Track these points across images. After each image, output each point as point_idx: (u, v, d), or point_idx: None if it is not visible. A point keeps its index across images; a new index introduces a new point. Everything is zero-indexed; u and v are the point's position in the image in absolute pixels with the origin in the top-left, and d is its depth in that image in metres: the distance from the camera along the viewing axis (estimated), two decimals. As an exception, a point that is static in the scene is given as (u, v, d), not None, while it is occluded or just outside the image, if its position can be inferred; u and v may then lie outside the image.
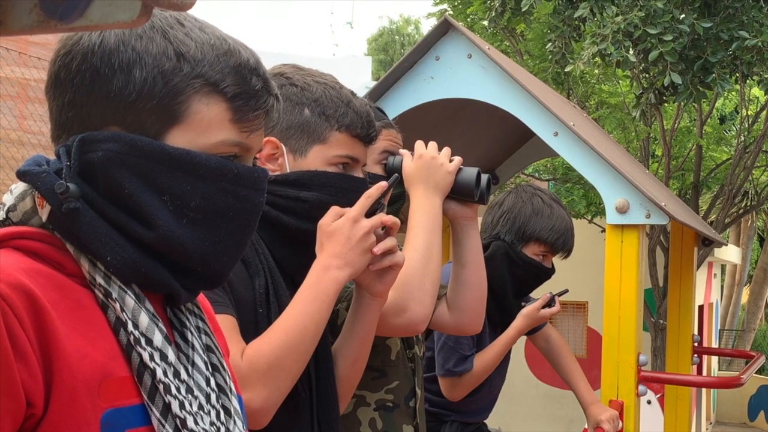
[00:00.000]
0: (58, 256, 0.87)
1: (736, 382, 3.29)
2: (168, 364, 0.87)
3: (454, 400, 2.65)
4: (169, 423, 0.85)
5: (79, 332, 0.82)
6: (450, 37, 2.87)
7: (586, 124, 3.62)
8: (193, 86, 0.91)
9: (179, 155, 0.90)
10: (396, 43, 28.91)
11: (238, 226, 0.94)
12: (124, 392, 0.84)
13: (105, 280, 0.87)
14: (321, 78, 1.57)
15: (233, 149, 0.94)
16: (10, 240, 0.86)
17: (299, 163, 1.53)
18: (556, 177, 7.79)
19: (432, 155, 1.82)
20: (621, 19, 4.69)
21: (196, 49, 0.92)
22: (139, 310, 0.87)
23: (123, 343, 0.86)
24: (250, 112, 0.94)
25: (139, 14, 0.58)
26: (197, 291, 0.98)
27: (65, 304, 0.83)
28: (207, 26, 0.96)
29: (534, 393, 6.70)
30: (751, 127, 7.44)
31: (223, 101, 0.93)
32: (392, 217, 1.42)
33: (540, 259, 2.65)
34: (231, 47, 0.94)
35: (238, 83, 0.93)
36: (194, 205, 0.90)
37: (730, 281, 13.31)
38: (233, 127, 0.94)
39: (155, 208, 0.89)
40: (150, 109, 0.90)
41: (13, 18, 0.57)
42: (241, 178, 0.94)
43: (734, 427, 10.44)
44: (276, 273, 1.44)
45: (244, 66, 0.94)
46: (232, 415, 0.95)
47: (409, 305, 1.68)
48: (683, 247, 4.27)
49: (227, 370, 0.98)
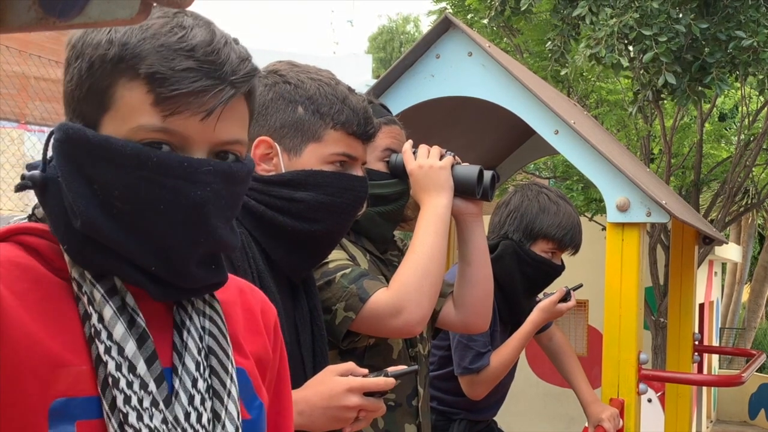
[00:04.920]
0: (51, 251, 0.90)
1: (736, 381, 3.28)
2: (124, 358, 0.86)
3: (475, 398, 2.66)
4: (114, 417, 0.85)
5: (39, 322, 0.84)
6: (450, 35, 2.86)
7: (586, 122, 3.62)
8: (119, 71, 0.88)
9: (98, 142, 0.87)
10: (395, 41, 28.88)
11: (178, 222, 0.88)
12: (80, 383, 0.85)
13: (78, 273, 0.89)
14: (316, 75, 1.54)
15: (155, 135, 0.88)
16: (14, 235, 0.90)
17: (294, 163, 1.51)
18: (556, 175, 7.79)
19: (431, 164, 1.83)
20: (615, 22, 4.68)
21: (125, 34, 0.89)
22: (105, 303, 0.87)
23: (87, 336, 0.87)
24: (168, 92, 0.87)
25: (138, 11, 0.58)
26: (170, 292, 0.92)
27: (34, 295, 0.85)
28: (157, 12, 0.91)
29: (534, 391, 6.70)
30: (752, 124, 7.44)
31: (144, 84, 0.88)
32: (383, 406, 1.37)
33: (549, 257, 2.66)
34: (167, 29, 0.89)
35: (157, 63, 0.87)
36: (117, 195, 0.87)
37: (730, 279, 13.29)
38: (154, 111, 0.88)
39: (80, 196, 0.87)
40: (83, 97, 0.90)
41: (12, 15, 0.57)
42: (165, 168, 0.87)
43: (735, 426, 10.43)
44: (266, 277, 1.41)
45: (172, 46, 0.88)
46: (221, 420, 0.92)
47: (406, 307, 1.68)
48: (684, 246, 4.26)
49: (231, 376, 0.96)
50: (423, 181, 1.83)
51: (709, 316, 8.76)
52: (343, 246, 1.80)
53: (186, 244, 0.89)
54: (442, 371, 2.70)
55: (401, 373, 1.35)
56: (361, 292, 1.68)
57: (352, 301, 1.68)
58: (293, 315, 1.47)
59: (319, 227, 1.44)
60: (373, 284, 1.70)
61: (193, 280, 0.92)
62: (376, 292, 1.69)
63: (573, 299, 2.69)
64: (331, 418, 1.33)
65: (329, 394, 1.32)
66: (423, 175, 1.83)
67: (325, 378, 1.35)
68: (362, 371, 1.35)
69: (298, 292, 1.49)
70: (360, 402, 1.32)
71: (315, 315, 1.51)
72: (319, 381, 1.35)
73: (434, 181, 1.82)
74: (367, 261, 1.86)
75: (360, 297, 1.68)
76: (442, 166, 1.84)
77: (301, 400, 1.31)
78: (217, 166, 0.90)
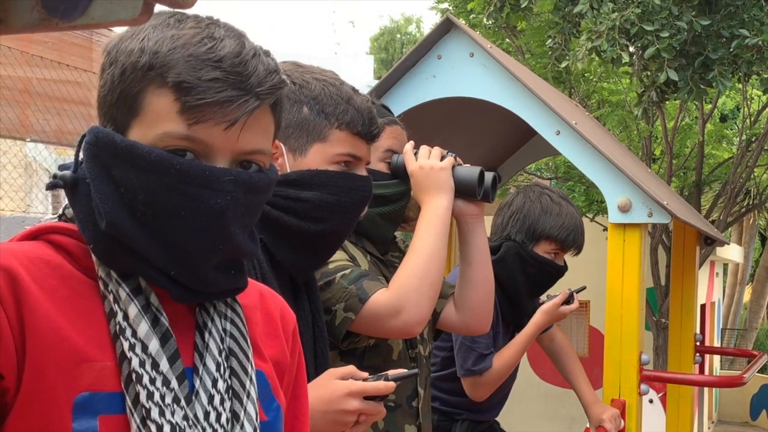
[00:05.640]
0: (79, 250, 0.93)
1: (738, 381, 3.28)
2: (147, 355, 0.88)
3: (478, 399, 2.66)
4: (137, 412, 0.87)
5: (66, 318, 0.87)
6: (452, 35, 2.86)
7: (587, 123, 3.62)
8: (148, 78, 0.91)
9: (124, 147, 0.90)
10: (396, 42, 28.88)
11: (197, 228, 0.90)
12: (104, 379, 0.87)
13: (105, 272, 0.91)
14: (321, 75, 1.54)
15: (180, 142, 0.90)
16: (44, 234, 0.93)
17: (299, 163, 1.51)
18: (557, 176, 7.79)
19: (431, 164, 1.83)
20: (616, 16, 4.68)
21: (156, 43, 0.91)
22: (129, 301, 0.90)
23: (112, 333, 0.89)
24: (194, 101, 0.89)
25: (140, 12, 0.58)
26: (190, 295, 0.94)
27: (63, 293, 0.88)
28: (191, 22, 0.94)
29: (536, 392, 6.70)
30: (753, 125, 7.43)
31: (171, 92, 0.90)
32: (383, 409, 1.36)
33: (551, 257, 2.66)
34: (197, 39, 0.91)
35: (185, 72, 0.90)
36: (142, 199, 0.89)
37: (732, 280, 13.28)
38: (179, 119, 0.90)
39: (107, 198, 0.90)
40: (115, 102, 0.92)
41: (15, 16, 0.57)
42: (186, 175, 0.89)
43: (736, 426, 10.43)
44: (270, 279, 1.41)
45: (200, 56, 0.90)
46: (240, 420, 0.94)
47: (406, 307, 1.68)
48: (685, 246, 4.26)
49: (251, 378, 0.97)
50: (424, 182, 1.83)
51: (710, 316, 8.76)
52: (344, 247, 1.80)
53: (205, 250, 0.91)
54: (445, 372, 2.70)
55: (401, 377, 1.35)
56: (361, 293, 1.68)
57: (352, 301, 1.68)
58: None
59: (325, 227, 1.44)
60: (372, 285, 1.70)
61: (212, 284, 0.94)
62: (376, 292, 1.69)
63: (576, 302, 2.69)
64: (331, 422, 1.33)
65: (329, 398, 1.32)
66: (424, 176, 1.83)
67: (326, 381, 1.35)
68: (362, 375, 1.35)
69: (300, 294, 1.49)
70: (360, 406, 1.32)
71: (316, 316, 1.51)
72: (320, 384, 1.35)
73: (435, 182, 1.82)
74: (367, 262, 1.86)
75: (359, 297, 1.68)
76: (443, 167, 1.84)
77: None
78: (239, 175, 0.92)
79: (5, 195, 6.30)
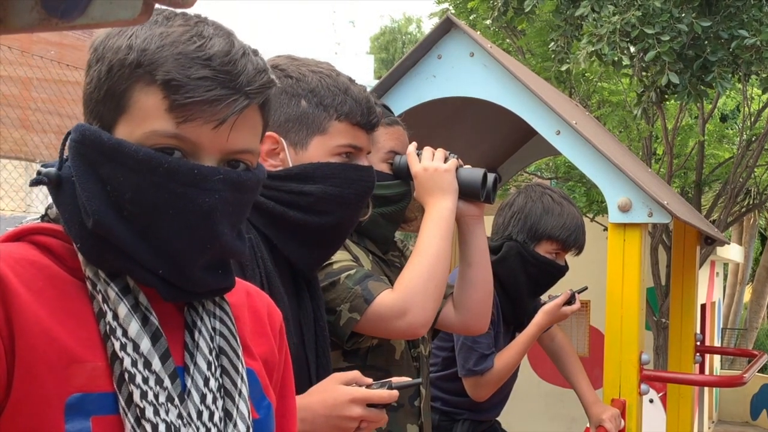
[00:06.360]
0: (64, 250, 0.92)
1: (738, 381, 3.28)
2: (139, 354, 0.88)
3: (479, 399, 2.66)
4: (131, 412, 0.86)
5: (55, 319, 0.86)
6: (452, 35, 2.86)
7: (588, 123, 3.61)
8: (136, 75, 0.90)
9: (111, 145, 0.89)
10: (397, 42, 28.88)
11: (185, 227, 0.89)
12: (96, 379, 0.86)
13: (93, 272, 0.90)
14: (317, 67, 1.54)
15: (168, 141, 0.90)
16: (28, 235, 0.92)
17: (301, 156, 1.51)
18: (557, 176, 7.78)
19: (436, 166, 1.83)
20: (617, 19, 4.68)
21: (144, 40, 0.90)
22: (119, 301, 0.89)
23: (102, 333, 0.88)
24: (183, 99, 0.88)
25: (140, 12, 0.58)
26: (179, 294, 0.93)
27: (51, 294, 0.87)
28: (179, 20, 0.93)
29: (536, 391, 6.70)
30: (754, 125, 7.43)
31: (160, 90, 0.89)
32: (385, 417, 1.36)
33: (552, 257, 2.66)
34: (186, 38, 0.90)
35: (174, 70, 0.89)
36: (129, 198, 0.88)
37: (732, 280, 13.28)
38: (167, 117, 0.89)
39: (93, 196, 0.89)
40: (101, 99, 0.91)
41: (14, 16, 0.57)
42: (175, 174, 0.88)
43: (736, 426, 10.42)
44: (274, 278, 1.41)
45: (189, 54, 0.90)
46: (233, 419, 0.94)
47: (411, 309, 1.68)
48: (685, 246, 4.26)
49: (242, 376, 0.97)
50: (428, 184, 1.83)
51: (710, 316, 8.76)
52: (347, 247, 1.80)
53: (192, 249, 0.90)
54: (446, 372, 2.70)
55: (405, 385, 1.35)
56: (366, 294, 1.68)
57: (357, 302, 1.68)
58: (298, 315, 1.47)
59: (330, 219, 1.44)
60: (377, 285, 1.70)
61: (200, 284, 0.93)
62: (381, 293, 1.69)
63: (577, 302, 2.69)
64: (333, 427, 1.33)
65: (332, 403, 1.32)
66: (428, 178, 1.83)
67: (329, 386, 1.35)
68: (366, 381, 1.34)
69: (302, 293, 1.49)
70: (362, 413, 1.32)
71: (318, 316, 1.51)
72: (323, 389, 1.34)
73: (439, 184, 1.82)
74: (369, 262, 1.86)
75: (365, 298, 1.68)
76: (447, 169, 1.84)
77: (304, 408, 1.30)
78: (227, 174, 0.91)
79: (5, 195, 6.30)
